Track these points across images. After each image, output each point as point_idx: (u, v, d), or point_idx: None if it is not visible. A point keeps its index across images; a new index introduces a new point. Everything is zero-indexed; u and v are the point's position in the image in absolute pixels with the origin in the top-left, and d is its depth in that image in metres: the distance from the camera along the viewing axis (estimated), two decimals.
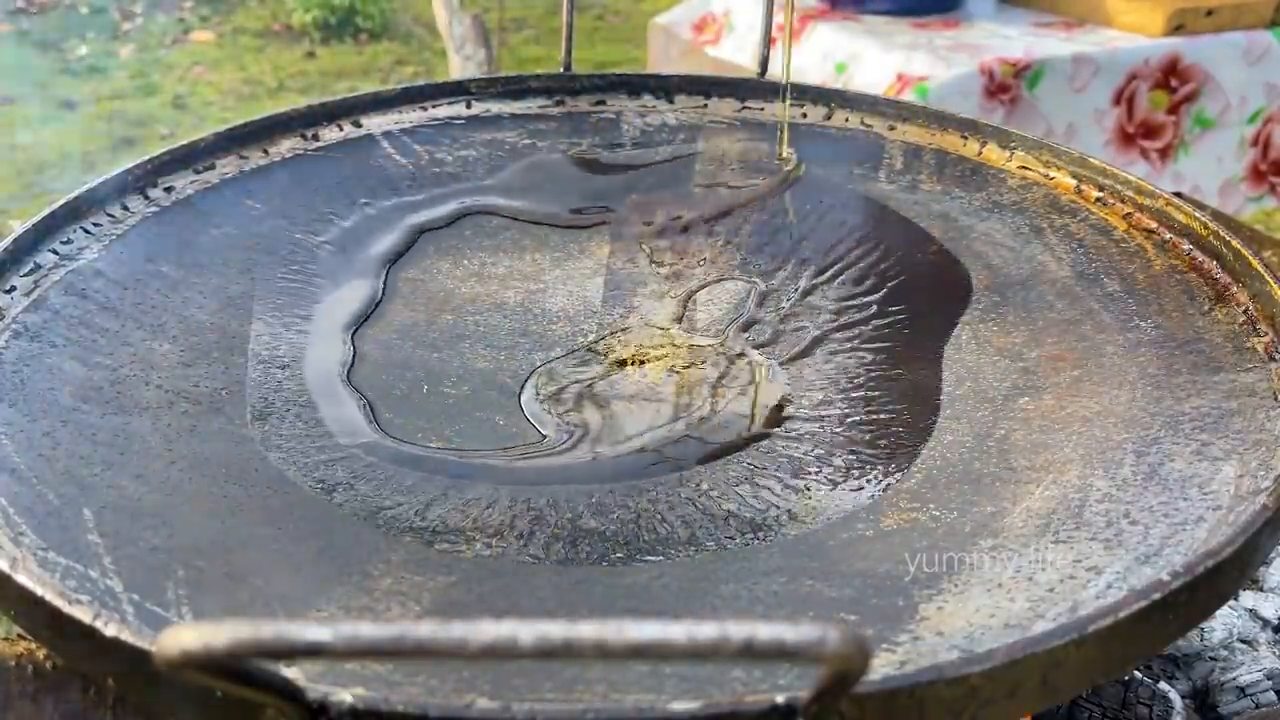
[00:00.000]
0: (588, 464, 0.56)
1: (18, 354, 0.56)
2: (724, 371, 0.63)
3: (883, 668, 0.38)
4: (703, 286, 0.71)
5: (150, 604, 0.43)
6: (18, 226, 0.62)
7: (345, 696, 0.32)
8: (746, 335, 0.66)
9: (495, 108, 0.82)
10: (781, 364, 0.64)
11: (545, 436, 0.58)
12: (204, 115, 2.76)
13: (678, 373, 0.63)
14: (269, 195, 0.72)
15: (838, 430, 0.58)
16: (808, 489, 0.54)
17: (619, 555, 0.50)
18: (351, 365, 0.63)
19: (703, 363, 0.64)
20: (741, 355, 0.64)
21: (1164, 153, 1.62)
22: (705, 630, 0.25)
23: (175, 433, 0.55)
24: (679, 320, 0.67)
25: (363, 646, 0.25)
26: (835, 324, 0.67)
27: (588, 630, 0.25)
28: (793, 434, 0.58)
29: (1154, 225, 0.66)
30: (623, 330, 0.66)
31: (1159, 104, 1.58)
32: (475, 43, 2.35)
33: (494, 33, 2.55)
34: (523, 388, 0.62)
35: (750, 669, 0.40)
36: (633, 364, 0.63)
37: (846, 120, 0.80)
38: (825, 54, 1.61)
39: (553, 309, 0.68)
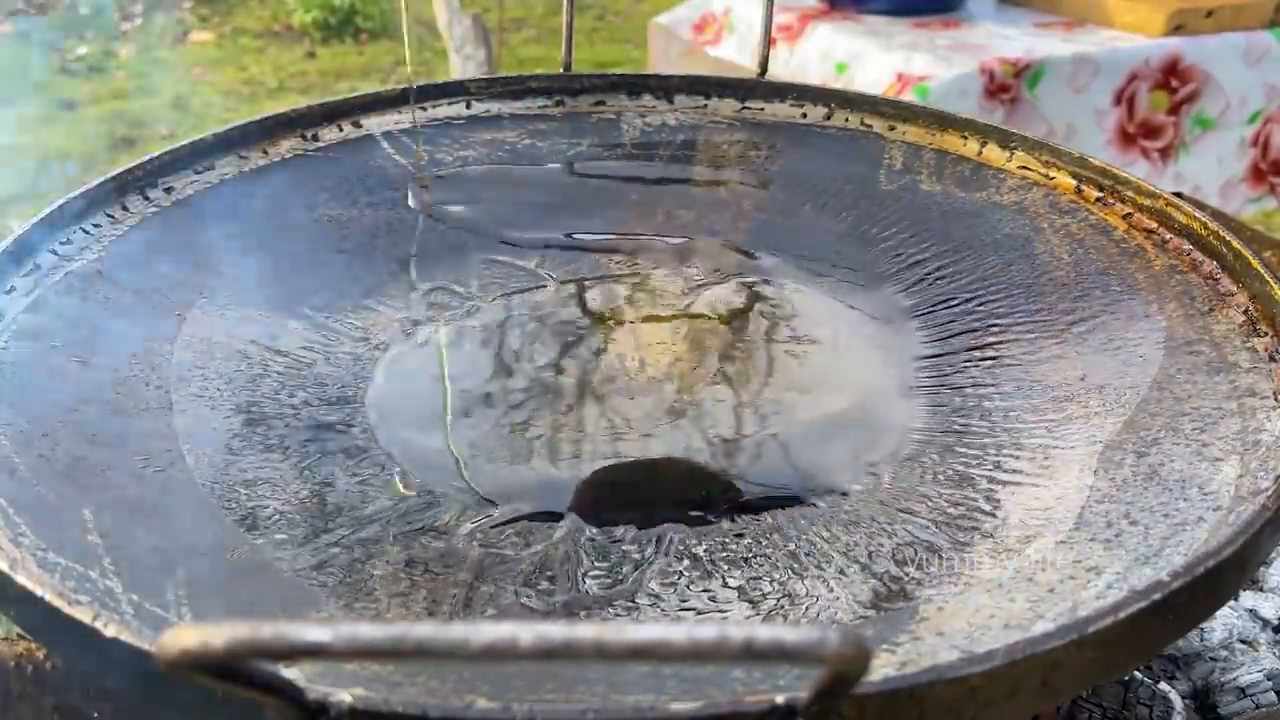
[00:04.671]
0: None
1: (18, 354, 0.56)
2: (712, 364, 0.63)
3: (883, 668, 0.38)
4: (701, 285, 0.71)
5: (150, 604, 0.43)
6: (17, 226, 0.62)
7: (345, 697, 0.32)
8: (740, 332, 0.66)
9: (495, 108, 0.82)
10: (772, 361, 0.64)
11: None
12: (204, 115, 2.76)
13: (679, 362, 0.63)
14: (269, 195, 0.72)
15: (833, 430, 0.58)
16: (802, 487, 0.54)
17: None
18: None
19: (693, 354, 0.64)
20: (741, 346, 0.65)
21: (1164, 153, 1.62)
22: (705, 631, 0.25)
23: (175, 433, 0.55)
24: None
25: (362, 647, 0.25)
26: (829, 322, 0.67)
27: (587, 631, 0.25)
28: (781, 433, 0.58)
29: (1154, 225, 0.66)
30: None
31: (1159, 104, 1.58)
32: (475, 43, 2.35)
33: (494, 33, 2.55)
34: None
35: (750, 669, 0.40)
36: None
37: (846, 120, 0.80)
38: (825, 54, 1.61)
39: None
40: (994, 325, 0.65)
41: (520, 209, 0.76)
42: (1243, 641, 0.59)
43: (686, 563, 0.49)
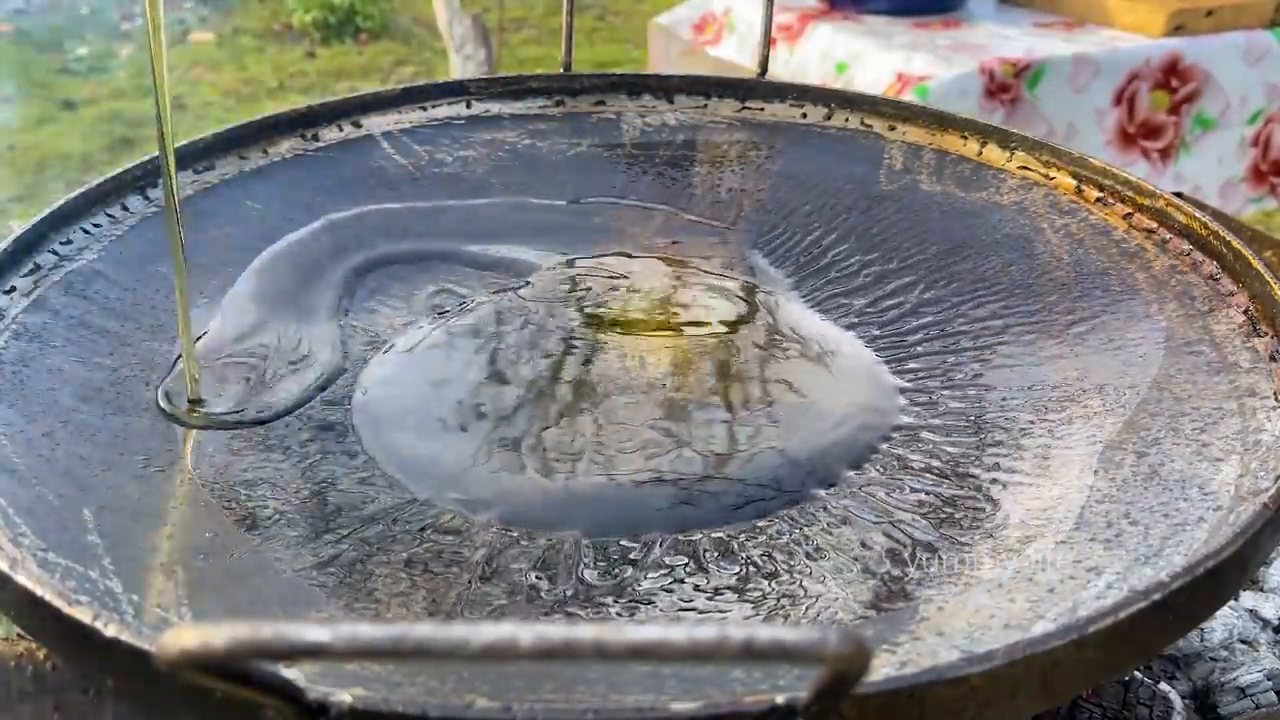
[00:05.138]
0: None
1: (18, 354, 0.56)
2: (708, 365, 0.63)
3: (883, 668, 0.38)
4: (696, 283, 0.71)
5: (150, 604, 0.43)
6: (18, 226, 0.62)
7: (345, 697, 0.32)
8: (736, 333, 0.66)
9: (495, 108, 0.82)
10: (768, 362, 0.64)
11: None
12: (204, 115, 2.76)
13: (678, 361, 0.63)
14: (269, 195, 0.72)
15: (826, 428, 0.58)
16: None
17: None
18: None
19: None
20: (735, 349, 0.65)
21: (1165, 153, 1.62)
22: (705, 632, 0.25)
23: (175, 433, 0.55)
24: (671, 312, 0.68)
25: (362, 647, 0.25)
26: (828, 322, 0.67)
27: (587, 631, 0.25)
28: (779, 435, 0.58)
29: (1154, 225, 0.66)
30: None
31: (1159, 104, 1.58)
32: (475, 43, 2.35)
33: (494, 33, 2.55)
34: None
35: (750, 669, 0.40)
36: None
37: (846, 120, 0.80)
38: (825, 54, 1.61)
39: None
40: (994, 325, 0.65)
41: (519, 209, 0.76)
42: (1243, 641, 0.59)
43: (686, 562, 0.49)
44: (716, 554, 0.50)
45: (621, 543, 0.50)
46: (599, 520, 0.52)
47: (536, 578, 0.48)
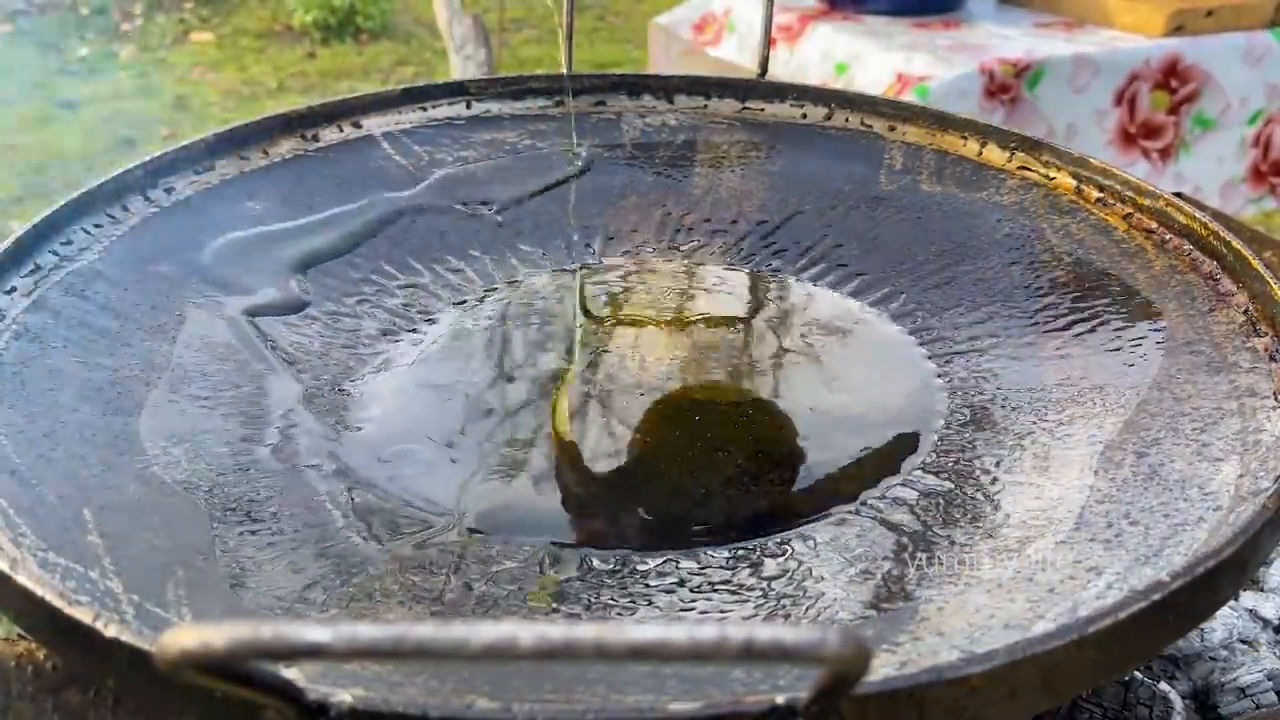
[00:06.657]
0: None
1: (18, 355, 0.56)
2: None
3: (883, 668, 0.38)
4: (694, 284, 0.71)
5: (150, 604, 0.43)
6: (18, 227, 0.62)
7: (345, 697, 0.32)
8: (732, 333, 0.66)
9: (495, 108, 0.82)
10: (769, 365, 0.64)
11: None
12: (204, 115, 2.76)
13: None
14: (269, 195, 0.72)
15: (831, 430, 0.58)
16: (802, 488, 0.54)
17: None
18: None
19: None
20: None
21: (1165, 153, 1.62)
22: (705, 632, 0.25)
23: (175, 433, 0.55)
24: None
25: (363, 647, 0.25)
26: (828, 323, 0.67)
27: (587, 631, 0.25)
28: (782, 434, 0.58)
29: (1154, 225, 0.66)
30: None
31: (1160, 104, 1.58)
32: (475, 43, 2.35)
33: (494, 33, 2.55)
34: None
35: (750, 670, 0.40)
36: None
37: (846, 120, 0.80)
38: (825, 54, 1.61)
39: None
40: (994, 325, 0.65)
41: (520, 209, 0.76)
42: (1243, 641, 0.59)
43: (687, 564, 0.49)
44: (717, 555, 0.50)
45: (623, 545, 0.50)
46: (601, 523, 0.52)
47: (539, 578, 0.48)
